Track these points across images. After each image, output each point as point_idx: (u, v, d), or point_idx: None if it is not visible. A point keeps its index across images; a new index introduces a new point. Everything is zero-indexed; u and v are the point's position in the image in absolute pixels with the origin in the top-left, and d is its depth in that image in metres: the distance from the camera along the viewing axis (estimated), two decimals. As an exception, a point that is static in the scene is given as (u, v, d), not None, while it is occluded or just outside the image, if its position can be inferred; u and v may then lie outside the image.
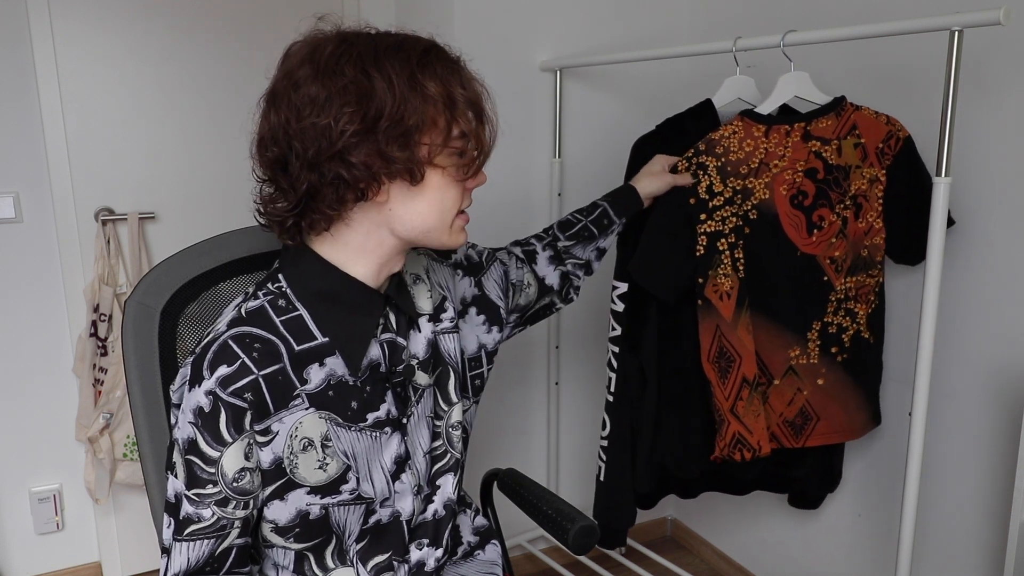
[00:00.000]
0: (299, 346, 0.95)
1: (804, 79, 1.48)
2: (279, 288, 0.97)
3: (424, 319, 1.07)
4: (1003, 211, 1.45)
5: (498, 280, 1.22)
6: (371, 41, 0.90)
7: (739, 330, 1.50)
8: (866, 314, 1.54)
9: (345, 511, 1.00)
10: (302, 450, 0.95)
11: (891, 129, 1.47)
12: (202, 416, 0.90)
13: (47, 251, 1.99)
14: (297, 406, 0.94)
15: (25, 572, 2.11)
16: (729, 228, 1.48)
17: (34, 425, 2.04)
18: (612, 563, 2.19)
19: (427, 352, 1.06)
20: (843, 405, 1.56)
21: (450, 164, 0.93)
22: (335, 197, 0.90)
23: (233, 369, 0.91)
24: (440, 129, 0.91)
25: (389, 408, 1.02)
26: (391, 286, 1.03)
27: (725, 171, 1.47)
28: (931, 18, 1.18)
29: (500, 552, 1.25)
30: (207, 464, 0.91)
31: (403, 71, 0.88)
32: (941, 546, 1.63)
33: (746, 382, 1.51)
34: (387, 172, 0.90)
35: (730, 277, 1.48)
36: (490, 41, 1.91)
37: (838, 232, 1.49)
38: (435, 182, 0.93)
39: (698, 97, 1.69)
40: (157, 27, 1.97)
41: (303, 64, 0.90)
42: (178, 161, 2.04)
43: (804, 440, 1.56)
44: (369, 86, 0.87)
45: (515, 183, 2.01)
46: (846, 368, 1.55)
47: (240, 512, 0.94)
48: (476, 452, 2.12)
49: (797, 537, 2.00)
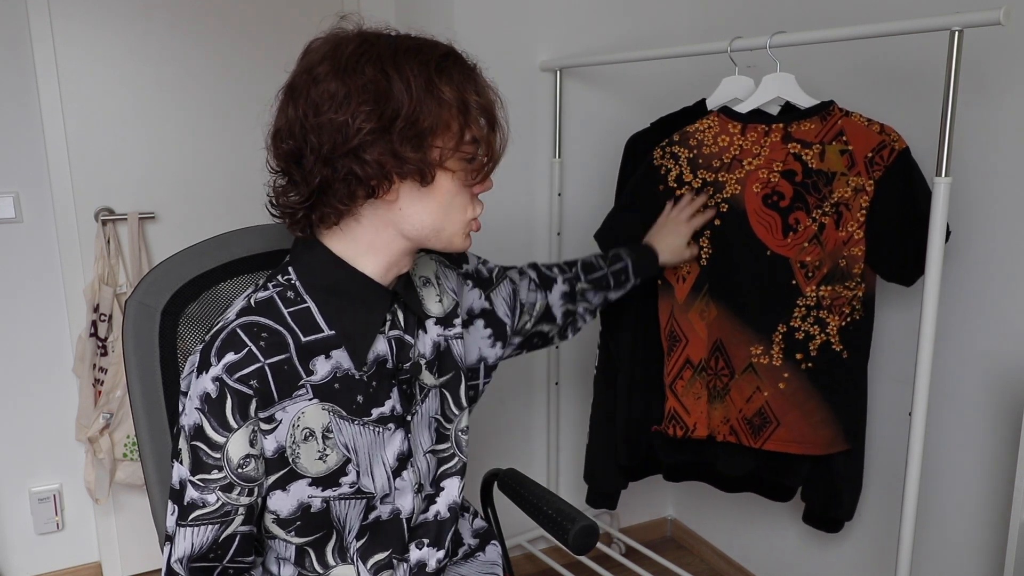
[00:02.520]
0: (305, 337, 0.96)
1: (788, 80, 1.48)
2: (288, 280, 0.99)
3: (431, 321, 1.09)
4: (1003, 211, 1.45)
5: (506, 298, 1.24)
6: (391, 42, 0.92)
7: (690, 314, 1.55)
8: (838, 326, 1.49)
9: (346, 505, 1.00)
10: (303, 440, 0.96)
11: (884, 139, 1.41)
12: (208, 402, 0.92)
13: (47, 251, 1.99)
14: (301, 396, 0.95)
15: (25, 572, 2.11)
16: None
17: (34, 425, 2.04)
18: (612, 563, 2.19)
19: (433, 353, 1.08)
20: (806, 415, 1.52)
21: (460, 168, 0.95)
22: (346, 192, 0.92)
23: (240, 356, 0.92)
24: (453, 133, 0.92)
25: (394, 405, 1.02)
26: (399, 284, 1.04)
27: (696, 163, 1.52)
28: (931, 18, 1.18)
29: (500, 553, 1.25)
30: (213, 450, 0.93)
31: (421, 74, 0.89)
32: (941, 546, 1.64)
33: (689, 363, 1.57)
34: (399, 172, 0.91)
35: (688, 263, 1.55)
36: (490, 41, 1.91)
37: (812, 237, 1.47)
38: (445, 185, 0.95)
39: (698, 97, 1.69)
40: (157, 27, 1.97)
41: (323, 60, 0.90)
42: (178, 161, 2.04)
43: (763, 442, 1.56)
44: (387, 86, 0.88)
45: (515, 183, 2.01)
46: (811, 377, 1.51)
47: (244, 499, 0.95)
48: (476, 452, 2.12)
49: (797, 537, 2.00)
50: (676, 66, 2.12)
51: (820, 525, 1.66)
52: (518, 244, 2.05)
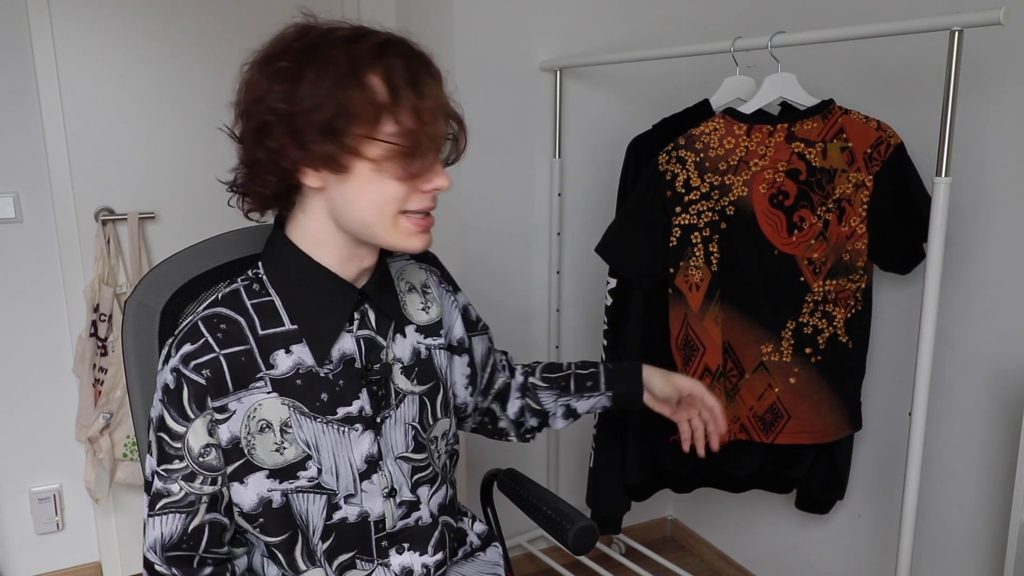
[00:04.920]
0: (264, 330, 0.98)
1: (790, 80, 1.48)
2: (256, 274, 1.01)
3: (412, 328, 1.08)
4: (1002, 211, 1.45)
5: (483, 351, 1.23)
6: (326, 32, 0.92)
7: (705, 321, 1.53)
8: (844, 318, 1.52)
9: (305, 500, 1.01)
10: (259, 431, 0.97)
11: (881, 135, 1.46)
12: (168, 393, 0.95)
13: (47, 251, 1.99)
14: (258, 388, 0.97)
15: (25, 572, 2.11)
16: (704, 222, 1.51)
17: (34, 425, 2.04)
18: (612, 563, 2.19)
19: (412, 359, 1.07)
20: (815, 406, 1.55)
21: (384, 159, 0.91)
22: (259, 176, 0.94)
23: (196, 347, 0.95)
24: (368, 122, 0.89)
25: (362, 405, 1.02)
26: (369, 283, 1.03)
27: (703, 166, 1.50)
28: (931, 18, 1.18)
29: (501, 554, 1.25)
30: (174, 440, 0.96)
31: (343, 60, 0.88)
32: (941, 546, 1.64)
33: (708, 371, 1.55)
34: (304, 159, 0.91)
35: (701, 269, 1.52)
36: (490, 41, 1.91)
37: (818, 234, 1.49)
38: (365, 174, 0.91)
39: (698, 97, 1.69)
40: (157, 27, 1.97)
41: (260, 50, 0.94)
42: (178, 161, 2.04)
43: (774, 436, 1.57)
44: (299, 72, 0.89)
45: (515, 183, 2.01)
46: (820, 370, 1.54)
47: (208, 488, 0.97)
48: (476, 452, 2.12)
49: (797, 537, 2.00)
50: (677, 66, 2.12)
51: (814, 508, 1.74)
52: (518, 244, 2.05)
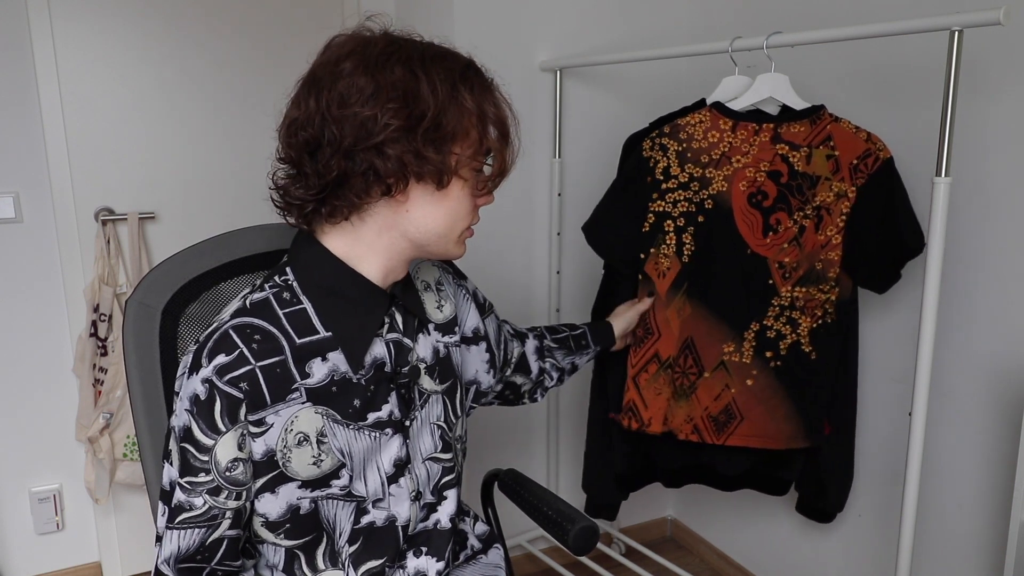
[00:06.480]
0: (300, 339, 0.96)
1: (781, 81, 1.48)
2: (285, 281, 0.99)
3: (432, 326, 1.09)
4: (1002, 211, 1.45)
5: (495, 330, 1.26)
6: (418, 46, 0.93)
7: (669, 311, 1.54)
8: (809, 327, 1.51)
9: (334, 506, 1.00)
10: (296, 444, 0.96)
11: (870, 147, 1.43)
12: (198, 404, 0.91)
13: (47, 251, 1.99)
14: (294, 400, 0.95)
15: (25, 572, 2.11)
16: (679, 212, 1.52)
17: (34, 425, 2.04)
18: (612, 563, 2.19)
19: (434, 358, 1.08)
20: (770, 411, 1.54)
21: (471, 178, 0.97)
22: (363, 187, 0.92)
23: (231, 359, 0.92)
24: (471, 142, 0.94)
25: (392, 409, 1.02)
26: (397, 286, 1.04)
27: (684, 156, 1.50)
28: (931, 18, 1.18)
29: (503, 555, 1.25)
30: (201, 452, 0.92)
31: (447, 79, 0.91)
32: (941, 546, 1.64)
33: (656, 358, 1.56)
34: (417, 172, 0.92)
35: (670, 259, 1.53)
36: (490, 41, 1.91)
37: (792, 239, 1.48)
38: (456, 192, 0.96)
39: (697, 97, 1.69)
40: (157, 27, 1.97)
41: (350, 56, 0.91)
42: (178, 161, 2.04)
43: (725, 438, 1.56)
44: (415, 87, 0.89)
45: (515, 183, 2.01)
46: (778, 375, 1.53)
47: (232, 503, 0.95)
48: (476, 452, 2.12)
49: (797, 537, 2.00)
50: (676, 66, 2.12)
51: (811, 515, 1.72)
52: (518, 244, 2.05)
